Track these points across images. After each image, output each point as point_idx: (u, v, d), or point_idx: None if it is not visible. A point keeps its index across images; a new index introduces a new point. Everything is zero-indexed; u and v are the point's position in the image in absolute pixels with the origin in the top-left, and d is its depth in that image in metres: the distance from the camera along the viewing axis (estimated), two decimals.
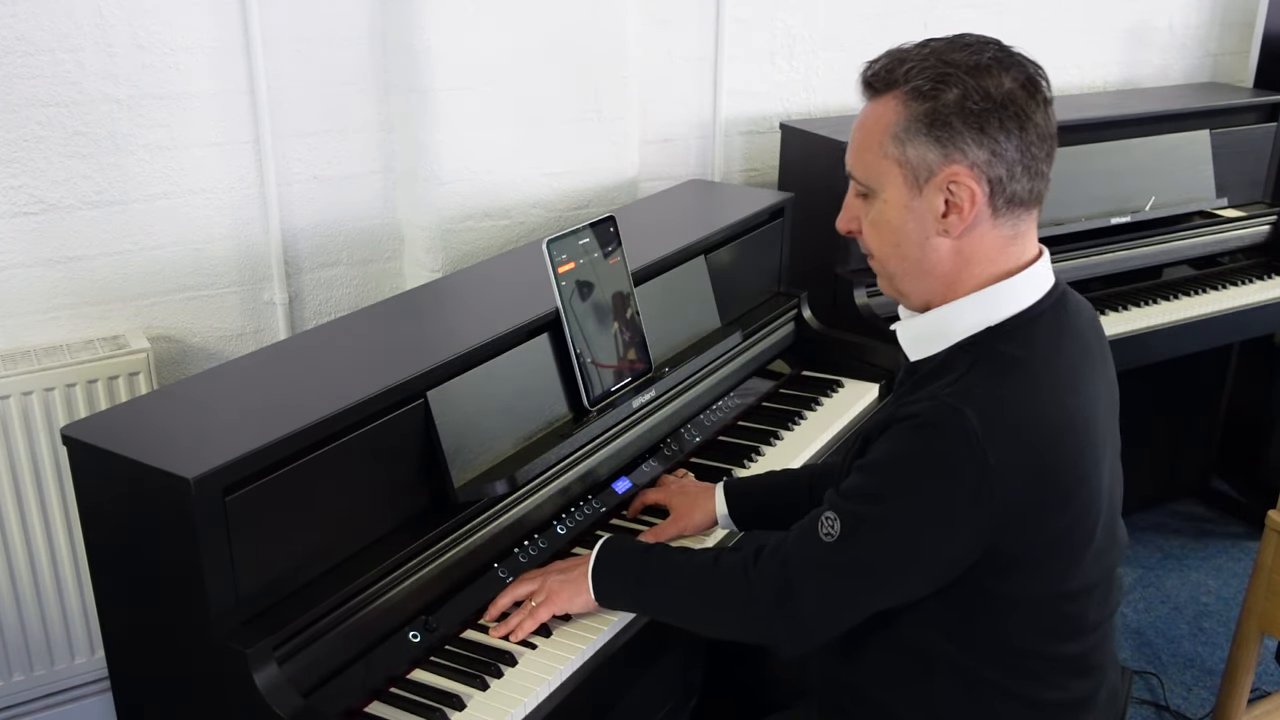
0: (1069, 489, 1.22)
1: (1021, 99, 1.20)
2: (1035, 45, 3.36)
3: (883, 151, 1.25)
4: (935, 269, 1.27)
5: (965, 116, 1.19)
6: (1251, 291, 2.90)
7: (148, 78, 2.09)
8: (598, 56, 2.41)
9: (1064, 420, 1.21)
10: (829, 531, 1.26)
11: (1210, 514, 3.38)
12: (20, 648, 2.13)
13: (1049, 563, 1.25)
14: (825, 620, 1.31)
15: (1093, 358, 1.31)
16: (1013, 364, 1.22)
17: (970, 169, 1.20)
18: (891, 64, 1.26)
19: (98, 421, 1.45)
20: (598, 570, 1.50)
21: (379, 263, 2.44)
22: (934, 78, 1.21)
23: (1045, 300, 1.27)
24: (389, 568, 1.46)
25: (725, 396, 2.13)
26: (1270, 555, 2.01)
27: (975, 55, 1.22)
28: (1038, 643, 1.30)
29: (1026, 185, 1.23)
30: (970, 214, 1.22)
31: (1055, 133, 1.25)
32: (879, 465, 1.25)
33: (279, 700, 1.29)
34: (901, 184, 1.24)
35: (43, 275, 2.10)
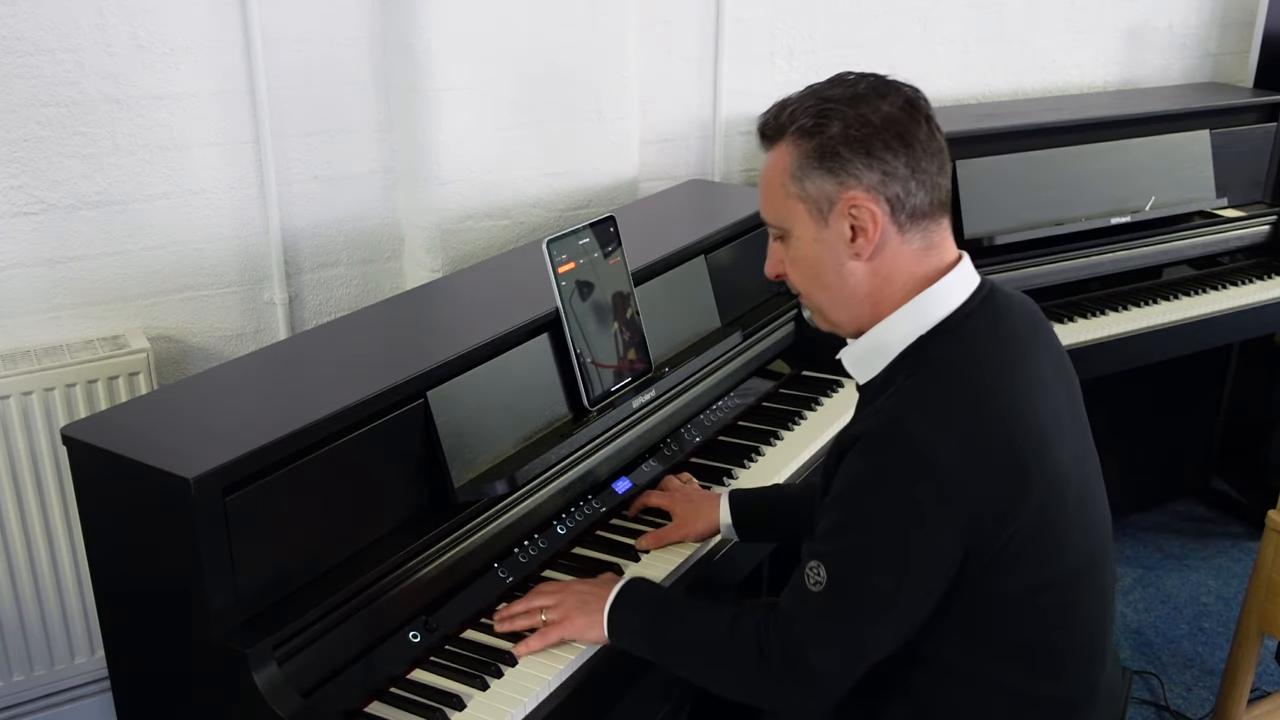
0: (1025, 476, 1.23)
1: (902, 120, 1.28)
2: (1035, 45, 3.38)
3: (785, 192, 1.32)
4: (857, 292, 1.33)
5: (851, 144, 1.27)
6: (1251, 291, 2.90)
7: (148, 78, 2.09)
8: (598, 56, 2.41)
9: (1005, 410, 1.24)
10: (817, 581, 1.27)
11: (1210, 514, 3.38)
12: (20, 648, 2.13)
13: (1029, 551, 1.26)
14: (841, 670, 1.29)
15: (1031, 348, 1.34)
16: (947, 364, 1.28)
17: (866, 192, 1.27)
18: (777, 111, 1.34)
19: (98, 421, 1.45)
20: (615, 611, 1.46)
21: (379, 263, 2.44)
22: (815, 114, 1.29)
23: (973, 300, 1.32)
24: (389, 568, 1.46)
25: (725, 396, 2.13)
26: (1270, 555, 2.01)
27: (851, 88, 1.30)
28: (1030, 635, 1.31)
29: (924, 198, 1.29)
30: (876, 234, 1.28)
31: (944, 146, 1.31)
32: (842, 497, 1.28)
33: (279, 700, 1.29)
34: (808, 219, 1.32)
35: (43, 275, 2.10)
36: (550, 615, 1.49)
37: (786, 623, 1.30)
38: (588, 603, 1.49)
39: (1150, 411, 3.22)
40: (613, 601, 1.47)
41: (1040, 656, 1.32)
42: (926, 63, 3.03)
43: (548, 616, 1.50)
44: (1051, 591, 1.30)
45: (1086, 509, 1.34)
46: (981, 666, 1.32)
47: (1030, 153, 2.72)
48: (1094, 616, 1.37)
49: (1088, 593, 1.34)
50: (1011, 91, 3.19)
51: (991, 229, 2.66)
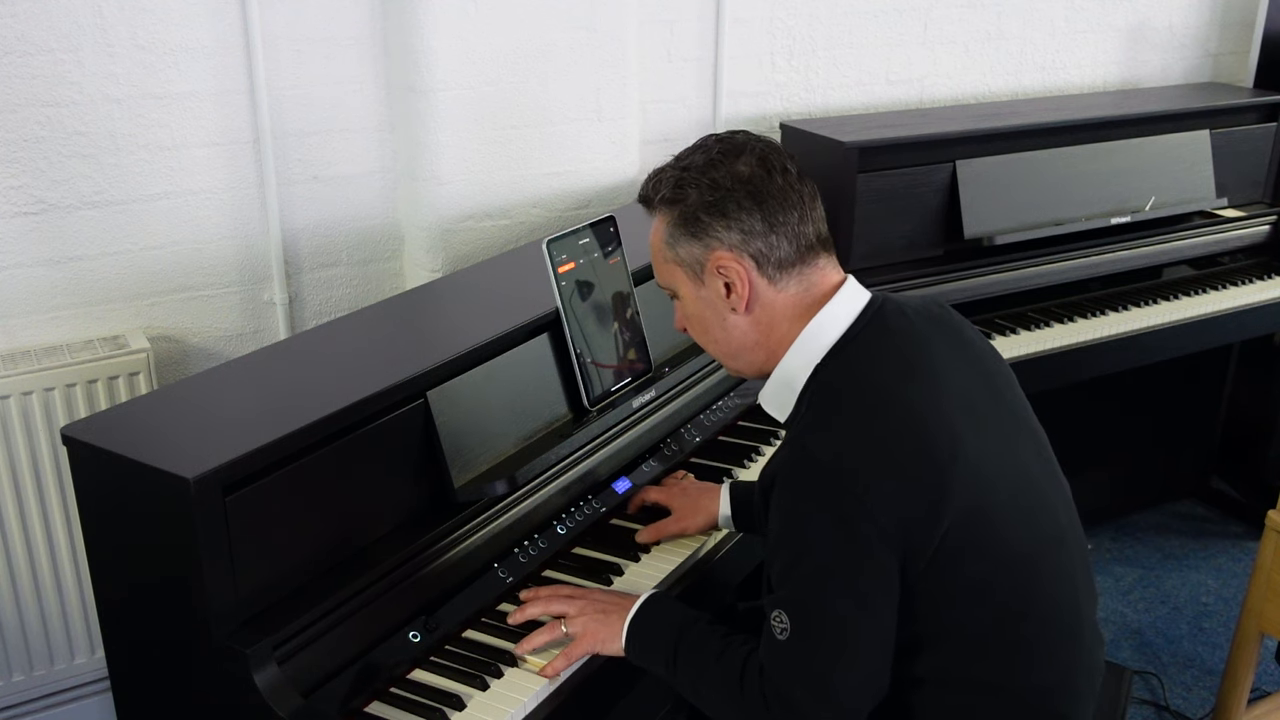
0: (942, 470, 1.24)
1: (755, 177, 1.35)
2: (1035, 45, 3.38)
3: (664, 258, 1.41)
4: (745, 342, 1.40)
5: (707, 209, 1.35)
6: (1251, 291, 2.90)
7: (148, 78, 2.09)
8: (598, 56, 2.41)
9: (906, 411, 1.26)
10: (782, 628, 1.28)
11: (1210, 514, 3.38)
12: (20, 648, 2.13)
13: (966, 542, 1.26)
14: (835, 712, 1.28)
15: (930, 345, 1.35)
16: (840, 384, 1.32)
17: (730, 251, 1.35)
18: (649, 184, 1.42)
19: (98, 421, 1.45)
20: (633, 630, 1.46)
21: (379, 263, 2.44)
22: (674, 184, 1.37)
23: (860, 319, 1.36)
24: (389, 567, 1.46)
25: (725, 396, 2.13)
26: (1270, 555, 2.01)
27: (706, 154, 1.37)
28: (991, 626, 1.31)
29: (788, 248, 1.35)
30: (745, 289, 1.36)
31: (807, 192, 1.37)
32: (777, 539, 1.31)
33: (279, 700, 1.29)
34: (687, 280, 1.40)
35: (43, 275, 2.10)
36: (571, 628, 1.48)
37: (768, 676, 1.30)
38: (608, 614, 1.49)
39: (1150, 411, 3.22)
40: (632, 620, 1.47)
41: (1005, 647, 1.32)
42: (926, 63, 3.03)
43: (569, 629, 1.49)
44: (1002, 579, 1.30)
45: (1028, 491, 1.34)
46: (953, 668, 1.32)
47: (1030, 153, 2.72)
48: (1060, 597, 1.36)
49: (1046, 576, 1.34)
50: (1011, 91, 3.19)
51: (991, 229, 2.66)
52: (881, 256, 2.59)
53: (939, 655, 1.32)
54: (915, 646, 1.31)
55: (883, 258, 2.59)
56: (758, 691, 1.31)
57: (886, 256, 2.60)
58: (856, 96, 2.98)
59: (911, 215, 2.61)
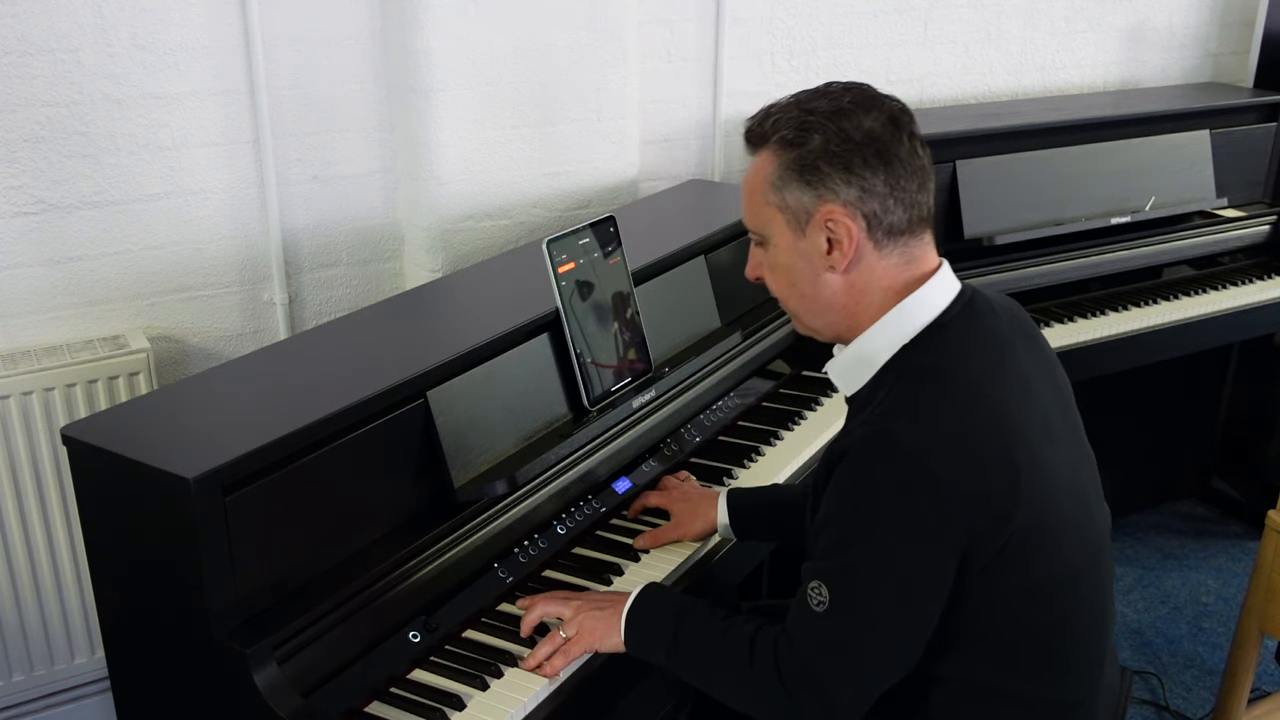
0: (1016, 476, 1.23)
1: (884, 136, 1.28)
2: (1035, 45, 3.38)
3: (765, 200, 1.34)
4: (833, 303, 1.34)
5: (830, 159, 1.28)
6: (1251, 291, 2.90)
7: (148, 78, 2.09)
8: (598, 56, 2.41)
9: (994, 412, 1.24)
10: (820, 601, 1.26)
11: (1210, 514, 3.38)
12: (20, 648, 2.13)
13: (1024, 552, 1.25)
14: (858, 690, 1.28)
15: (1014, 349, 1.34)
16: (930, 372, 1.28)
17: (843, 207, 1.28)
18: (762, 118, 1.34)
19: (98, 421, 1.45)
20: (631, 620, 1.45)
21: (379, 263, 2.44)
22: (797, 127, 1.30)
23: (953, 308, 1.32)
24: (389, 568, 1.46)
25: (725, 396, 2.13)
26: (1270, 555, 2.01)
27: (835, 101, 1.30)
28: (1030, 637, 1.30)
29: (902, 215, 1.30)
30: (851, 248, 1.29)
31: (926, 163, 1.32)
32: (835, 512, 1.27)
33: (279, 700, 1.29)
34: (786, 228, 1.33)
35: (43, 275, 2.10)
36: (569, 629, 1.47)
37: (795, 647, 1.28)
38: (605, 610, 1.48)
39: (1150, 411, 3.22)
40: (629, 610, 1.46)
41: (1040, 659, 1.32)
42: (926, 63, 3.03)
43: (566, 632, 1.47)
44: (1050, 592, 1.29)
45: (1082, 508, 1.34)
46: (982, 672, 1.31)
47: (1030, 153, 2.72)
48: (1093, 616, 1.37)
49: (1086, 592, 1.34)
50: (1011, 91, 3.19)
51: (991, 229, 2.66)
52: None
53: (973, 657, 1.31)
54: (951, 645, 1.30)
55: None
56: (771, 663, 1.29)
57: None
58: None
59: None
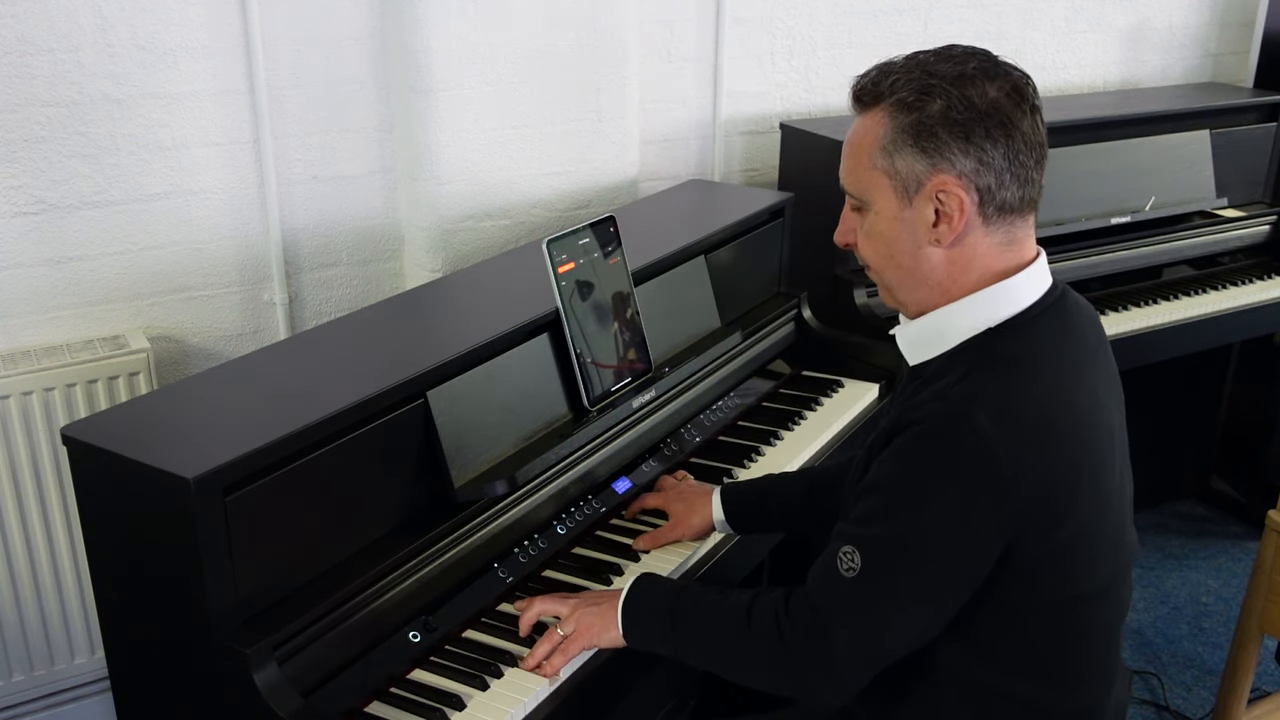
0: (1077, 486, 1.21)
1: (1007, 107, 1.21)
2: (1035, 45, 3.37)
3: (872, 164, 1.26)
4: (930, 277, 1.27)
5: (950, 126, 1.20)
6: (1251, 291, 2.89)
7: (148, 78, 2.09)
8: (598, 56, 2.41)
9: (1069, 417, 1.21)
10: (850, 566, 1.22)
11: (1210, 514, 3.38)
12: (20, 648, 2.13)
13: (1064, 563, 1.23)
14: (864, 659, 1.25)
15: (1094, 355, 1.31)
16: (1016, 362, 1.22)
17: (958, 178, 1.22)
18: (878, 77, 1.26)
19: (98, 421, 1.45)
20: (628, 609, 1.43)
21: (379, 263, 2.44)
22: (918, 89, 1.22)
23: (1045, 300, 1.27)
24: (389, 568, 1.46)
25: (725, 396, 2.13)
26: (1270, 555, 2.01)
27: (959, 66, 1.22)
28: (1052, 648, 1.29)
29: (1017, 192, 1.24)
30: (960, 223, 1.23)
31: (1045, 140, 1.26)
32: (888, 480, 1.22)
33: (279, 700, 1.29)
34: (892, 195, 1.25)
35: (43, 275, 2.10)
36: (566, 627, 1.46)
37: (813, 605, 1.26)
38: (601, 605, 1.47)
39: (1150, 411, 3.22)
40: (625, 600, 1.45)
41: (1058, 668, 1.30)
42: None
43: (563, 630, 1.47)
44: (1080, 605, 1.28)
45: (1123, 523, 1.33)
46: (992, 672, 1.30)
47: None
48: (1112, 631, 1.35)
49: (1110, 608, 1.33)
50: None
51: None
52: None
53: (988, 655, 1.29)
54: (970, 637, 1.27)
55: None
56: (771, 624, 1.27)
57: None
58: None
59: None
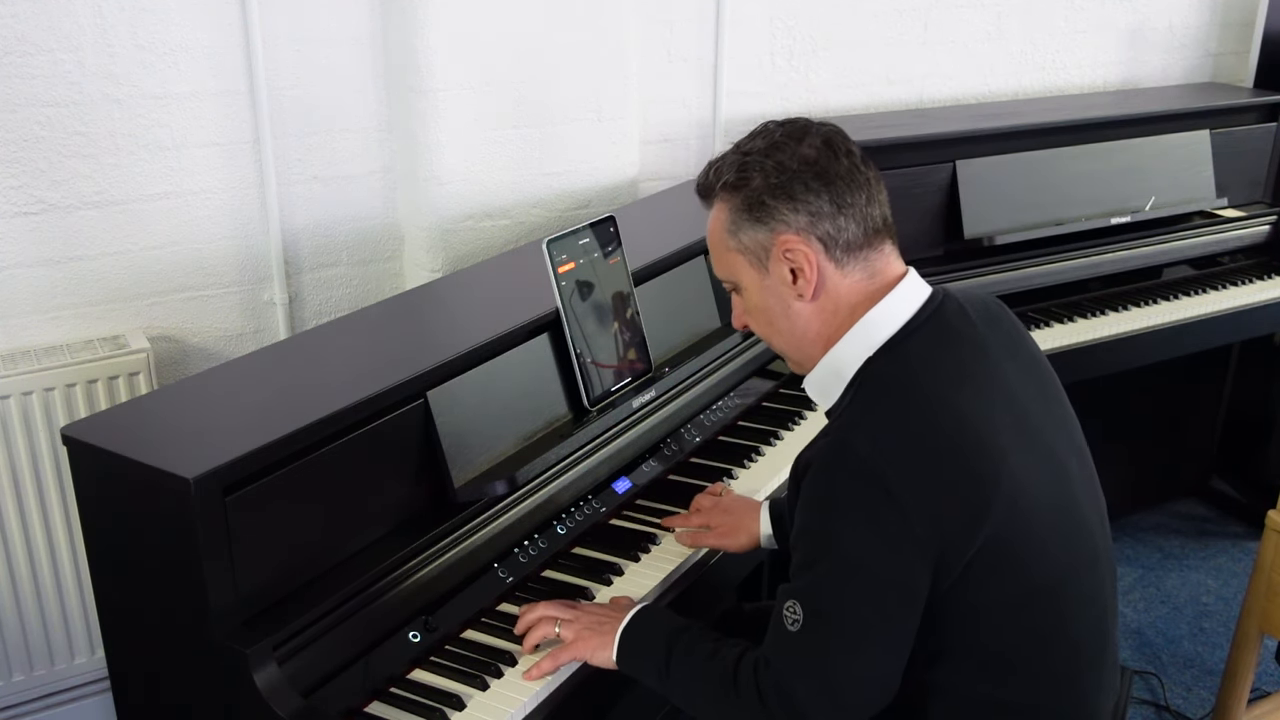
0: (983, 485, 1.22)
1: (820, 160, 1.32)
2: (1035, 45, 3.38)
3: (726, 247, 1.38)
4: (809, 331, 1.36)
5: (773, 192, 1.32)
6: (1251, 291, 2.89)
7: (148, 78, 2.09)
8: (598, 56, 2.41)
9: (954, 421, 1.24)
10: (795, 620, 1.26)
11: (1210, 514, 3.38)
12: (20, 648, 2.13)
13: (1002, 560, 1.24)
14: (837, 708, 1.26)
15: (989, 352, 1.33)
16: (891, 381, 1.29)
17: (797, 234, 1.32)
18: (706, 172, 1.39)
19: (98, 421, 1.45)
20: (625, 640, 1.44)
21: (379, 263, 2.44)
22: (738, 170, 1.35)
23: (920, 315, 1.33)
24: (389, 568, 1.46)
25: (725, 396, 2.13)
26: (1270, 555, 2.01)
27: (769, 138, 1.35)
28: (1015, 646, 1.29)
29: (856, 230, 1.32)
30: (813, 273, 1.32)
31: (871, 176, 1.34)
32: (803, 528, 1.28)
33: (279, 700, 1.29)
34: (750, 269, 1.37)
35: (43, 275, 2.10)
36: (564, 632, 1.47)
37: (773, 667, 1.28)
38: (602, 624, 1.47)
39: (1150, 411, 3.22)
40: (624, 629, 1.45)
41: (1031, 668, 1.30)
42: (926, 63, 3.03)
43: (561, 631, 1.47)
44: (1033, 602, 1.28)
45: (1070, 511, 1.32)
46: (974, 682, 1.30)
47: (1030, 153, 2.72)
48: (1089, 621, 1.35)
49: (1079, 597, 1.33)
50: (1011, 91, 3.19)
51: (991, 229, 2.66)
52: None
53: (960, 670, 1.30)
54: (937, 658, 1.29)
55: None
56: (753, 686, 1.29)
57: None
58: (856, 96, 2.97)
59: (911, 215, 2.61)
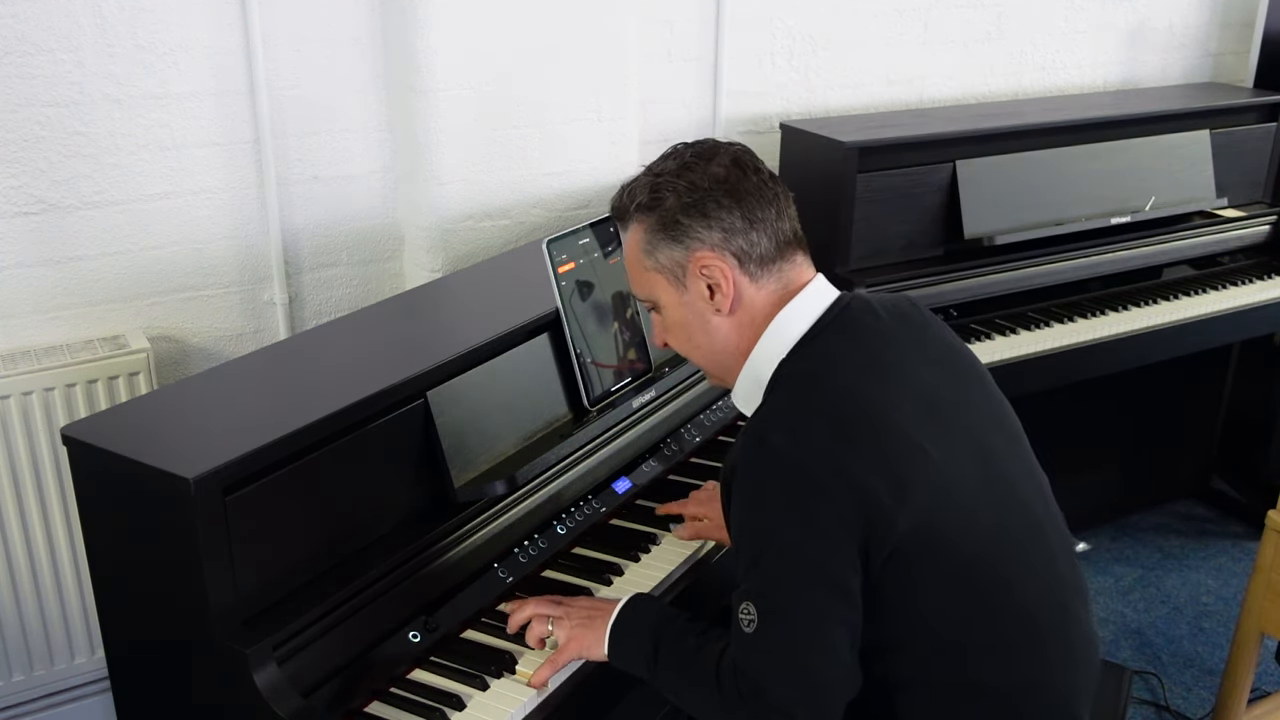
0: (897, 463, 1.25)
1: (730, 178, 1.36)
2: (1035, 45, 3.38)
3: (644, 268, 1.41)
4: (728, 345, 1.40)
5: (687, 211, 1.36)
6: (1251, 291, 2.90)
7: (148, 78, 2.09)
8: (598, 56, 2.41)
9: (865, 406, 1.27)
10: (750, 620, 1.28)
11: (1210, 514, 3.38)
12: (20, 648, 2.13)
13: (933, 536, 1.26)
14: (808, 700, 1.27)
15: (896, 343, 1.37)
16: (800, 378, 1.33)
17: (712, 250, 1.36)
18: (620, 194, 1.43)
19: (98, 421, 1.45)
20: (615, 633, 1.46)
21: (379, 263, 2.44)
22: (651, 191, 1.38)
23: (828, 314, 1.37)
24: (389, 567, 1.47)
25: (725, 396, 2.13)
26: (1270, 555, 2.01)
27: (679, 159, 1.39)
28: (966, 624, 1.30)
29: (768, 244, 1.37)
30: (729, 287, 1.36)
31: (780, 191, 1.39)
32: (739, 529, 1.31)
33: (279, 700, 1.29)
34: (669, 286, 1.40)
35: (43, 275, 2.10)
36: (557, 633, 1.48)
37: (741, 671, 1.30)
38: (593, 619, 1.48)
39: (1150, 412, 3.22)
40: (614, 622, 1.46)
41: (984, 646, 1.31)
42: (926, 63, 3.03)
43: (554, 629, 1.48)
44: (971, 577, 1.29)
45: (996, 484, 1.34)
46: (928, 666, 1.31)
47: (1030, 153, 2.72)
48: (1039, 594, 1.35)
49: (1020, 573, 1.33)
50: (1011, 91, 3.19)
51: (991, 229, 2.66)
52: (881, 257, 2.59)
53: (916, 655, 1.31)
54: (891, 647, 1.30)
55: (882, 258, 2.59)
56: (733, 685, 1.30)
57: (886, 257, 2.60)
58: (856, 96, 2.98)
59: (911, 215, 2.61)
